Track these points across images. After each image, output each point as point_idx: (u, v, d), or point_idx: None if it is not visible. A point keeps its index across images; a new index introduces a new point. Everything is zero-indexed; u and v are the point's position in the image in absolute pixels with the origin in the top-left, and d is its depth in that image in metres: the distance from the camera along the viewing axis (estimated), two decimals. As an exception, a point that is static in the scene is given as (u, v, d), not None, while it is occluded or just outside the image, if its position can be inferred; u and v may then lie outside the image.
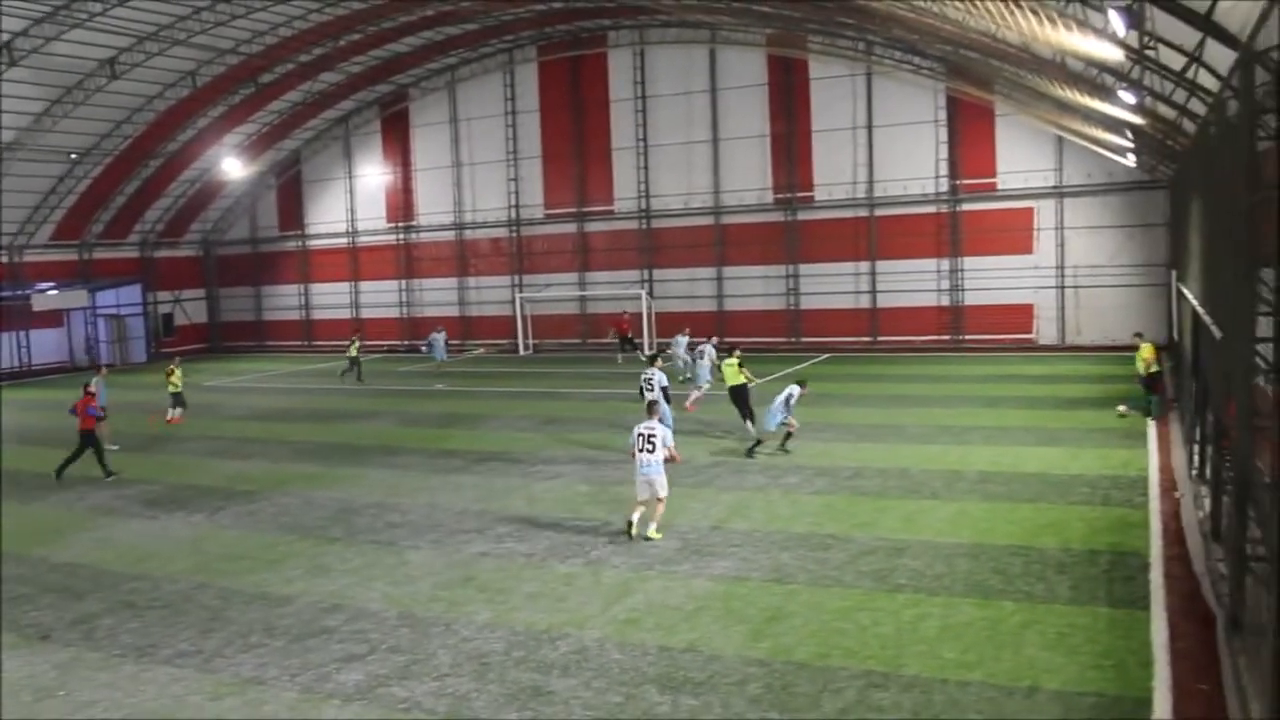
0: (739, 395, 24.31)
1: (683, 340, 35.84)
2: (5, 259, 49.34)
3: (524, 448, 24.63)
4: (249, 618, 13.67)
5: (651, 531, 16.21)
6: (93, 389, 24.72)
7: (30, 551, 17.72)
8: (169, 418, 31.30)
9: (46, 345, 52.43)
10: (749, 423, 23.75)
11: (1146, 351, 25.54)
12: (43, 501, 21.74)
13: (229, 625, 13.43)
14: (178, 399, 31.36)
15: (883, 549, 15.11)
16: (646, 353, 36.79)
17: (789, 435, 22.56)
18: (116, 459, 24.92)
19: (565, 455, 23.51)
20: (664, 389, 23.59)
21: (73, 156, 46.24)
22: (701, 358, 29.27)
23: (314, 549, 16.81)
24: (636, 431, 16.34)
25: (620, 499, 18.97)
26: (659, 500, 16.32)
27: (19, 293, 49.69)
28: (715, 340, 31.59)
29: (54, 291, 51.26)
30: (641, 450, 16.16)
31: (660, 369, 24.64)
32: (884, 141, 42.06)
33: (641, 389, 24.76)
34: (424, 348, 44.97)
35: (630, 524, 16.28)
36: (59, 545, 18.04)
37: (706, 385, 28.17)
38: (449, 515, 18.56)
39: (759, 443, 22.43)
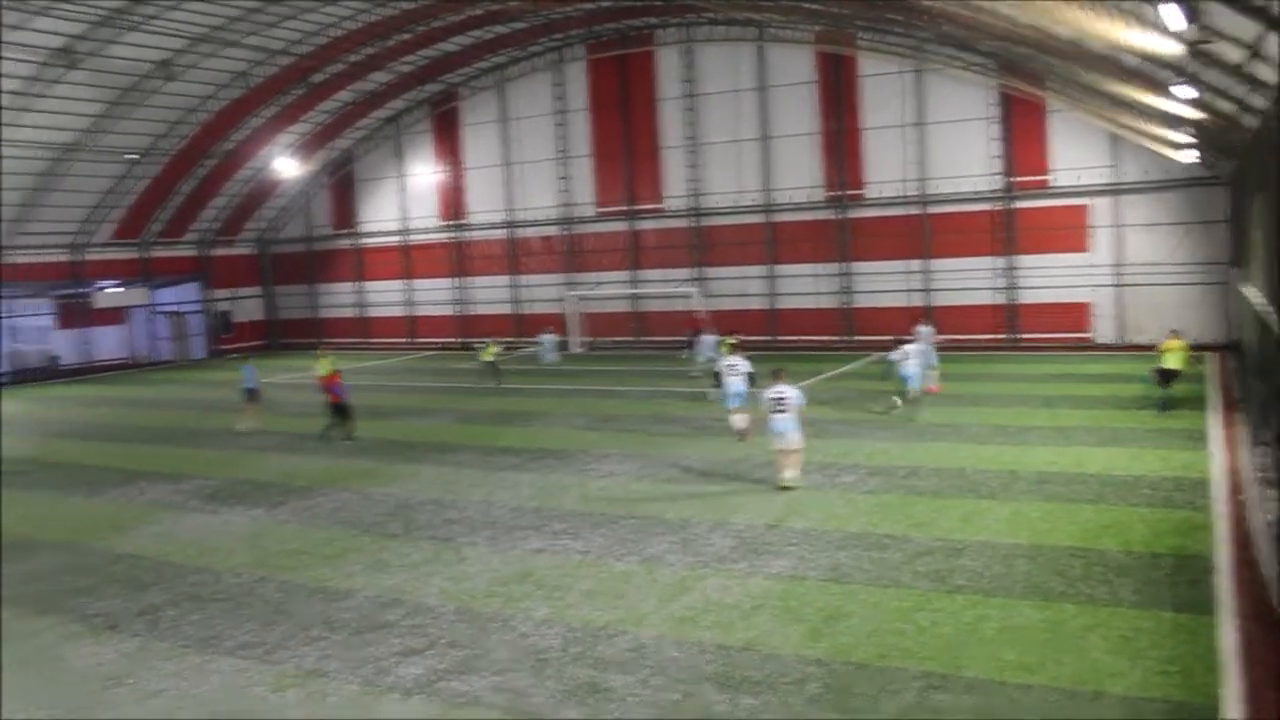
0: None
1: (710, 340, 36.39)
2: (68, 257, 50.27)
3: (578, 445, 24.73)
4: (310, 611, 13.86)
5: (786, 479, 18.99)
6: (327, 369, 27.81)
7: (95, 543, 18.09)
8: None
9: (108, 342, 53.35)
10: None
11: (1174, 346, 25.46)
12: (106, 495, 22.15)
13: (290, 618, 13.62)
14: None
15: (940, 549, 15.03)
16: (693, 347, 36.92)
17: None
18: (185, 454, 25.33)
19: (619, 453, 23.56)
20: (750, 374, 24.61)
21: (131, 157, 46.98)
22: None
23: (372, 544, 17.00)
24: (769, 396, 18.95)
25: (675, 495, 19.04)
26: (795, 451, 19.02)
27: (81, 290, 50.61)
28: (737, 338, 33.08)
29: (115, 289, 52.18)
30: (774, 412, 18.77)
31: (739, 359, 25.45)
32: (935, 138, 41.71)
33: (718, 375, 26.02)
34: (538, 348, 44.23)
35: (783, 484, 18.96)
36: (122, 538, 18.40)
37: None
38: (505, 512, 18.69)
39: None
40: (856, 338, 43.39)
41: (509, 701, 10.73)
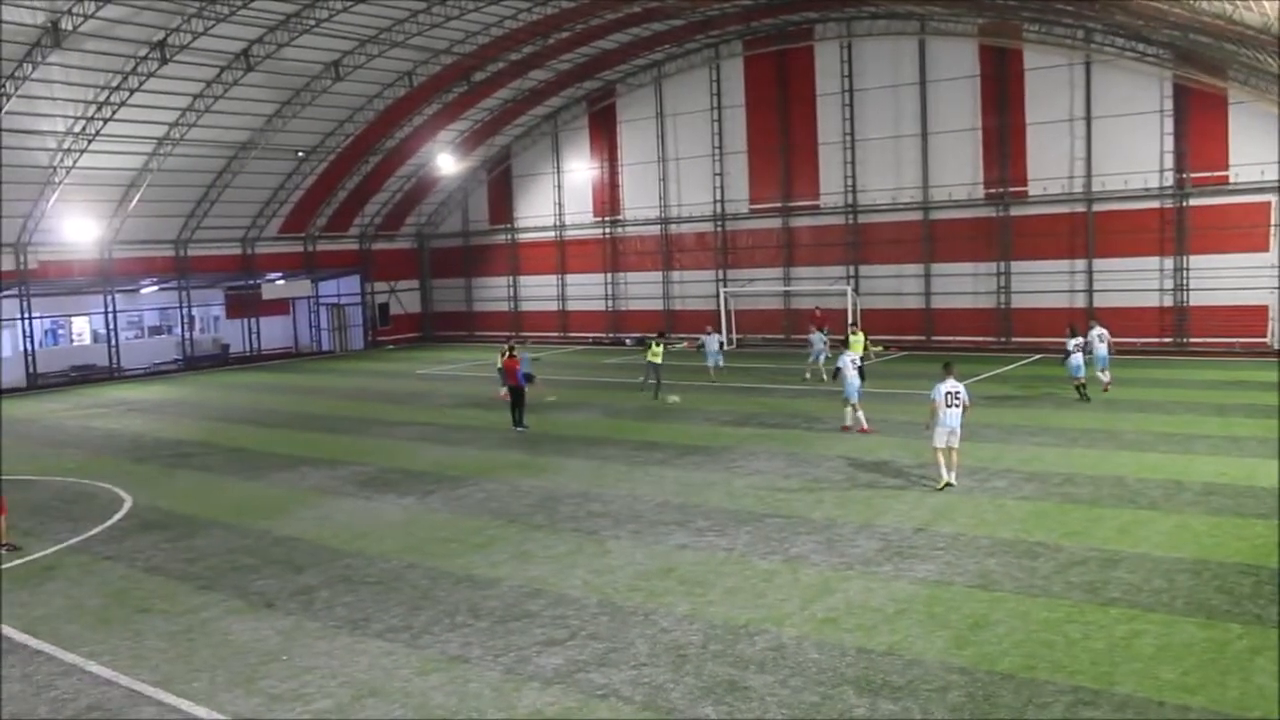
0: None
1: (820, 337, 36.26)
2: (240, 250, 52.61)
3: (725, 442, 24.68)
4: (456, 598, 14.17)
5: (951, 478, 18.98)
6: (517, 355, 28.91)
7: (255, 525, 18.87)
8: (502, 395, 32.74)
9: (274, 332, 55.66)
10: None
11: None
12: (266, 479, 23.08)
13: (437, 604, 13.95)
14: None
15: (1095, 560, 14.47)
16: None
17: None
18: (343, 441, 26.21)
19: (766, 450, 23.43)
20: (860, 370, 26.11)
21: (300, 155, 48.87)
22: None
23: (518, 535, 17.29)
24: (944, 390, 18.94)
25: (820, 494, 18.84)
26: (953, 450, 19.12)
27: (251, 282, 52.91)
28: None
29: (281, 281, 54.39)
30: (950, 406, 18.83)
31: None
32: (1104, 133, 40.13)
33: (839, 370, 26.02)
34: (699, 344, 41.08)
35: (946, 482, 18.99)
36: (281, 520, 19.15)
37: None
38: (649, 507, 18.77)
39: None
40: (1014, 339, 42.18)
41: (647, 696, 10.77)
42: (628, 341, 50.07)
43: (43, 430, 31.94)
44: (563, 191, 55.89)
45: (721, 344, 38.19)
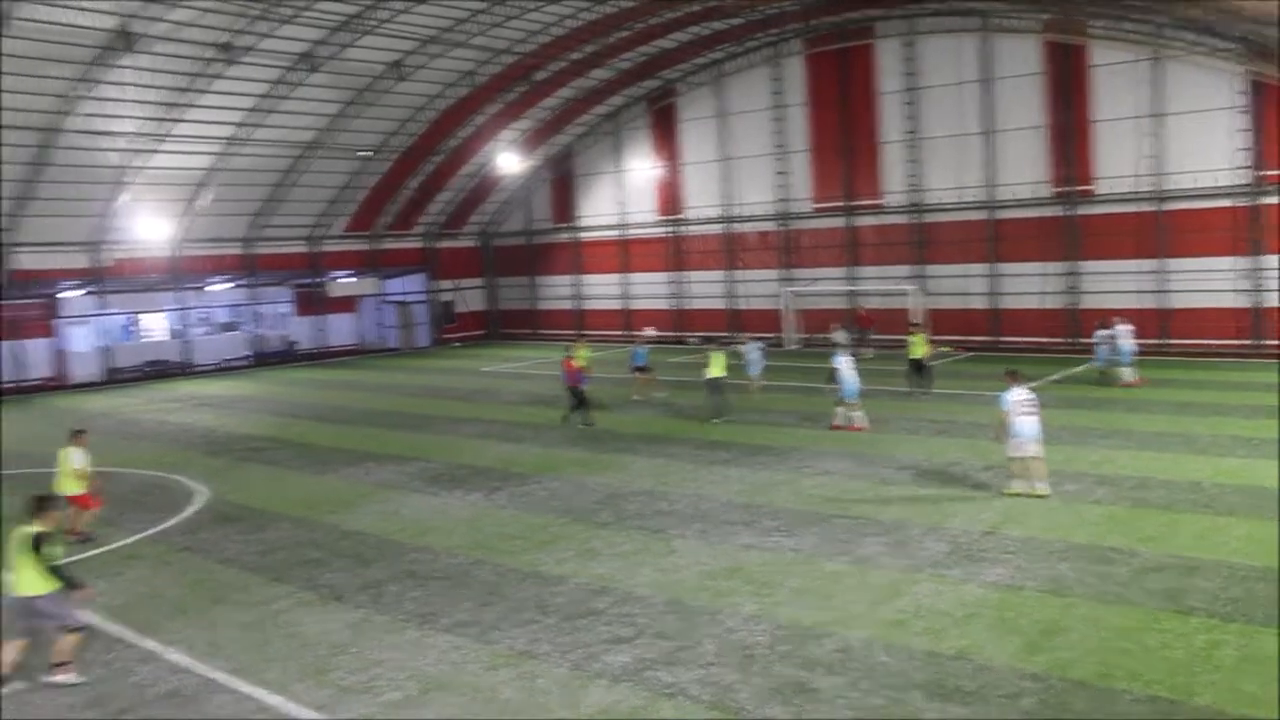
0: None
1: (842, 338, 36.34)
2: (306, 248, 53.31)
3: (791, 442, 24.58)
4: (523, 594, 14.27)
5: (1040, 489, 18.33)
6: (574, 355, 29.37)
7: (324, 519, 19.15)
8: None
9: (341, 329, 56.34)
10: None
11: None
12: (336, 474, 23.38)
13: (504, 600, 14.05)
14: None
15: (1172, 566, 14.22)
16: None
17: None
18: (410, 437, 26.49)
19: (834, 451, 23.30)
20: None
21: (364, 154, 49.40)
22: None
23: (584, 532, 17.36)
24: (1013, 399, 18.40)
25: (889, 496, 18.71)
26: (1038, 459, 18.47)
27: (318, 280, 53.59)
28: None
29: (348, 279, 55.04)
30: (1022, 415, 18.26)
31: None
32: (1173, 130, 39.27)
33: (834, 372, 26.26)
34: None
35: (1020, 490, 18.44)
36: (349, 514, 19.41)
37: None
38: (716, 506, 18.76)
39: None
40: (1083, 340, 41.51)
41: (714, 696, 10.76)
42: (692, 341, 49.99)
43: (119, 424, 32.61)
44: (625, 191, 55.93)
45: (763, 351, 34.45)
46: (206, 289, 50.93)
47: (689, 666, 11.54)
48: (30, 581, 11.57)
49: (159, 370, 47.90)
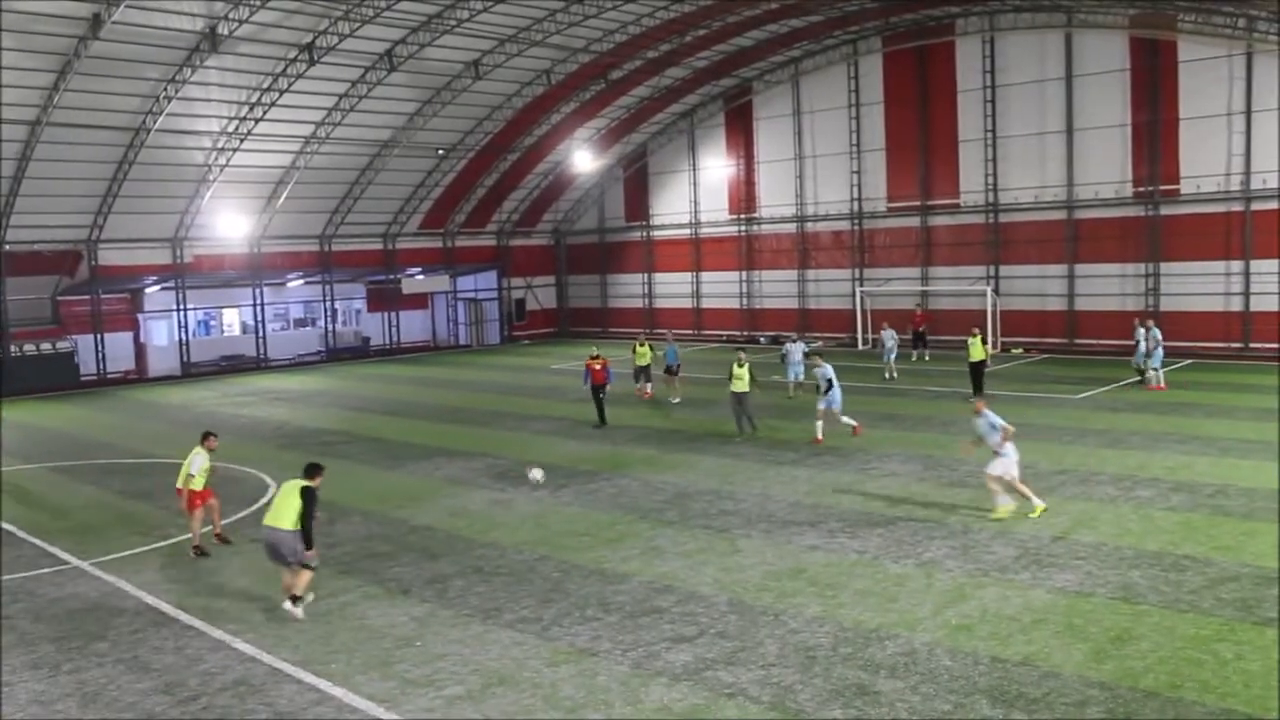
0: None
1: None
2: (381, 246, 54.01)
3: (858, 443, 24.35)
4: (586, 591, 14.30)
5: (1012, 504, 17.31)
6: (597, 356, 29.14)
7: (392, 514, 19.37)
8: (643, 392, 33.36)
9: (413, 325, 57.04)
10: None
11: None
12: (406, 469, 23.64)
13: (567, 597, 14.09)
14: (644, 372, 33.27)
15: (1248, 576, 13.82)
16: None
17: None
18: (478, 433, 26.68)
19: (901, 453, 23.06)
20: (829, 380, 24.60)
21: (440, 153, 49.90)
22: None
23: (649, 530, 17.36)
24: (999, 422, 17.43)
25: (956, 499, 18.46)
26: (1015, 480, 17.28)
27: (392, 276, 54.26)
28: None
29: (421, 276, 55.66)
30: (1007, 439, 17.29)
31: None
32: (1264, 128, 38.24)
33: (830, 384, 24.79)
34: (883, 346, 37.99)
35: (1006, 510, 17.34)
36: (417, 509, 19.60)
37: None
38: (781, 506, 18.66)
39: None
40: (1164, 343, 40.57)
41: (774, 696, 10.69)
42: (762, 340, 49.78)
43: (195, 417, 33.28)
44: (698, 189, 55.87)
45: (806, 353, 32.65)
46: (282, 285, 51.81)
47: (750, 667, 11.48)
48: (289, 520, 13.49)
49: (234, 364, 48.88)
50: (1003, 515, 17.17)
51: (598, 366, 28.80)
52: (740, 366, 25.84)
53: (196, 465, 17.06)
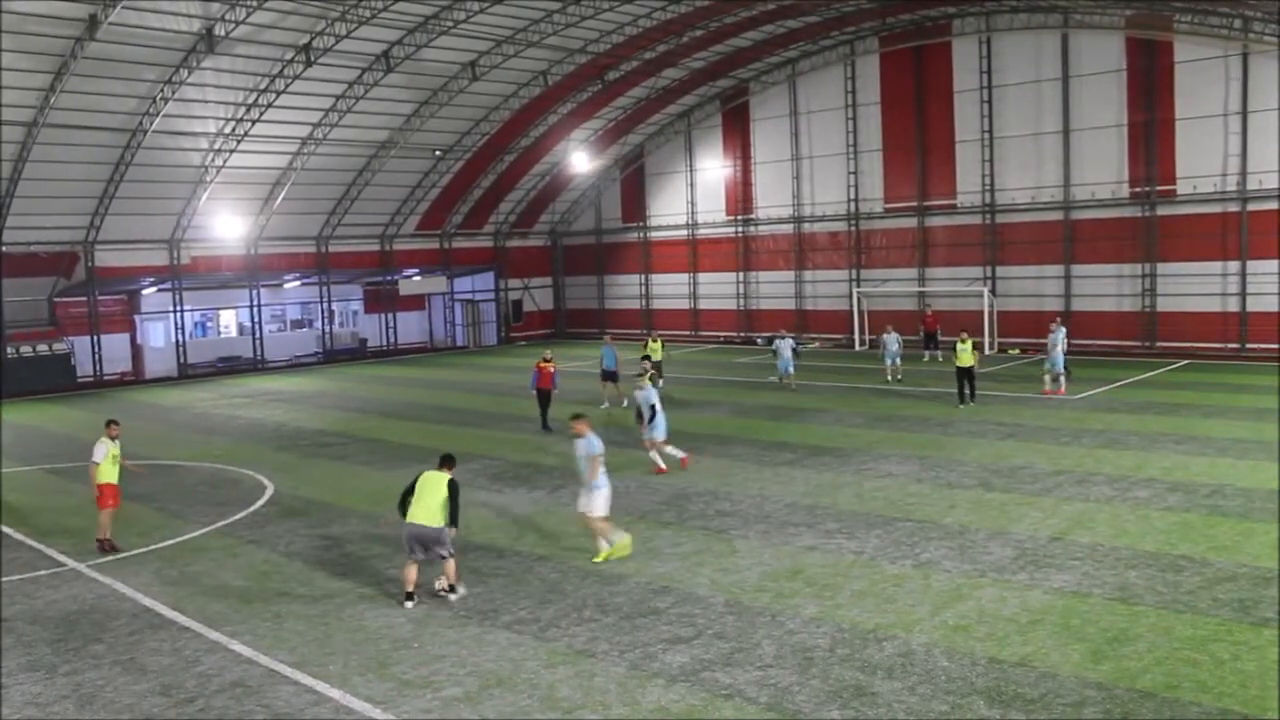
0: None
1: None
2: (378, 247, 54.00)
3: (856, 444, 24.37)
4: (583, 593, 14.29)
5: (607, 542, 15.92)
6: (549, 359, 29.25)
7: (390, 513, 19.25)
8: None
9: (410, 326, 57.05)
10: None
11: None
12: (401, 470, 23.43)
13: (565, 598, 14.09)
14: (656, 367, 33.01)
15: (1245, 576, 13.84)
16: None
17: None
18: (476, 435, 26.65)
19: (898, 453, 23.06)
20: (653, 406, 22.27)
21: (437, 154, 49.90)
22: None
23: (646, 531, 17.34)
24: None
25: (953, 500, 18.47)
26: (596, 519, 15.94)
27: (389, 278, 54.25)
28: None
29: (418, 277, 55.64)
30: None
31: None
32: (1261, 128, 38.27)
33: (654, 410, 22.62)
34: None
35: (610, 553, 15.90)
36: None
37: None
38: (778, 507, 18.65)
39: None
40: (1160, 344, 40.70)
41: (771, 698, 10.69)
42: (759, 341, 49.79)
43: (191, 418, 33.28)
44: (695, 190, 55.87)
45: (795, 350, 35.00)
46: (279, 286, 51.78)
47: (747, 668, 11.48)
48: (440, 516, 13.93)
49: (231, 366, 48.86)
50: (617, 554, 15.88)
51: (551, 370, 28.74)
52: (644, 378, 24.41)
53: (100, 453, 17.26)
